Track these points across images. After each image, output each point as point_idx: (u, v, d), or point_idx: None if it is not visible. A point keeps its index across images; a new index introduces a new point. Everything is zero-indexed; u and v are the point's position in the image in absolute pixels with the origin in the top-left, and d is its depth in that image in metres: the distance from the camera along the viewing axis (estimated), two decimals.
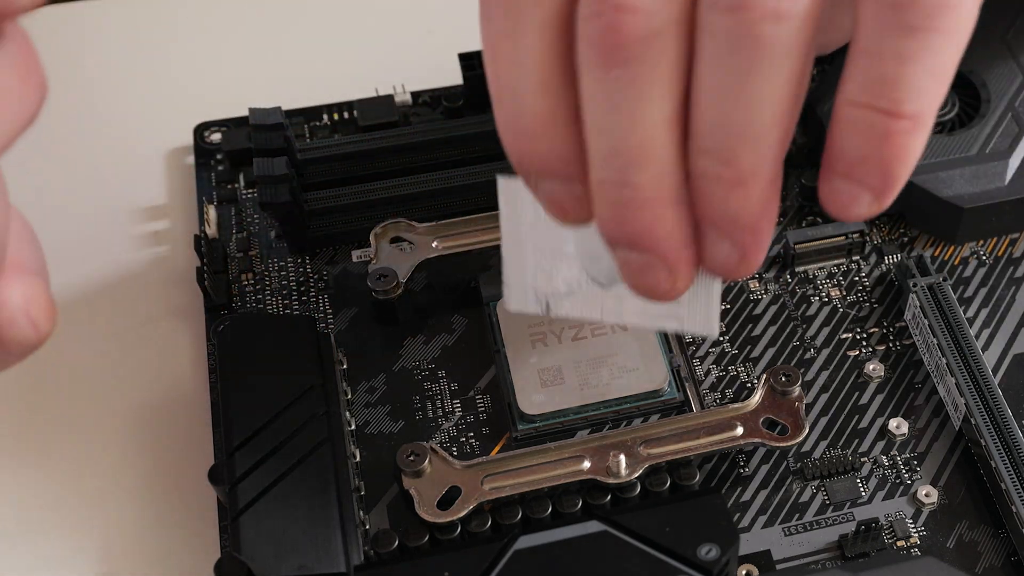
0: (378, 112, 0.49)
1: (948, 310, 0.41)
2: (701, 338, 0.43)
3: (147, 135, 0.47)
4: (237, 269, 0.45)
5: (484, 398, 0.42)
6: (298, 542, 0.36)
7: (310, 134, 0.50)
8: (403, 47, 0.54)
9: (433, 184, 0.46)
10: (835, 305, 0.44)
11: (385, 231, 0.44)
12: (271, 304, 0.44)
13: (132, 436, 0.42)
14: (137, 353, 0.44)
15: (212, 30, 0.53)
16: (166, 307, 0.46)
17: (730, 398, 0.42)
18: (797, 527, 0.39)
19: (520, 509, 0.38)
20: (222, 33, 0.51)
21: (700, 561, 0.34)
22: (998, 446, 0.38)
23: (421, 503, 0.37)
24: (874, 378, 0.42)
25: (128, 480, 0.41)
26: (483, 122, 0.47)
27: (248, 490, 0.37)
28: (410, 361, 0.43)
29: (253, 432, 0.38)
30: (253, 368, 0.39)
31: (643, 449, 0.38)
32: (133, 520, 0.40)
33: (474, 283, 0.44)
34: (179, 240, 0.47)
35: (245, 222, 0.47)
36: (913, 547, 0.38)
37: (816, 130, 0.46)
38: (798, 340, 0.43)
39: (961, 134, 0.45)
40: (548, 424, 0.41)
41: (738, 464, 0.40)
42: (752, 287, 0.44)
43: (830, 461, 0.40)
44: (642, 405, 0.41)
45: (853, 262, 0.45)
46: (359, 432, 0.41)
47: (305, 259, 0.46)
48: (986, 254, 0.45)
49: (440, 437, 0.41)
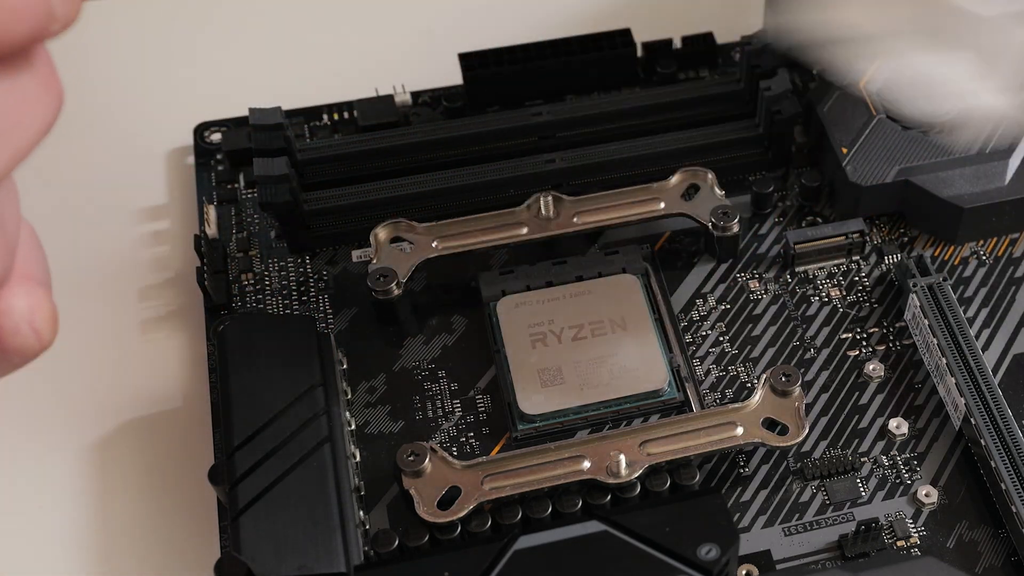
0: (378, 112, 0.49)
1: (948, 310, 0.41)
2: (701, 338, 0.43)
3: (147, 135, 0.47)
4: (237, 269, 0.45)
5: (484, 398, 0.42)
6: (298, 542, 0.36)
7: (310, 134, 0.50)
8: (403, 47, 0.54)
9: (433, 184, 0.46)
10: (835, 305, 0.44)
11: (385, 231, 0.44)
12: (271, 304, 0.44)
13: (132, 436, 0.42)
14: (137, 353, 0.44)
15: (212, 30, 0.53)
16: (166, 307, 0.46)
17: (730, 398, 0.42)
18: (797, 527, 0.39)
19: (520, 509, 0.38)
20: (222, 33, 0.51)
21: (700, 561, 0.34)
22: (998, 446, 0.38)
23: (421, 503, 0.37)
24: (874, 378, 0.42)
25: (128, 480, 0.41)
26: (483, 122, 0.47)
27: (248, 490, 0.37)
28: (410, 361, 0.43)
29: (253, 432, 0.38)
30: (253, 368, 0.39)
31: (643, 449, 0.38)
32: (133, 520, 0.41)
33: (474, 283, 0.44)
34: (179, 240, 0.47)
35: (245, 222, 0.47)
36: (913, 547, 0.38)
37: (816, 130, 0.46)
38: (798, 340, 0.43)
39: None
40: (548, 424, 0.41)
41: (738, 464, 0.40)
42: (752, 287, 0.44)
43: (830, 461, 0.40)
44: (642, 405, 0.41)
45: (853, 262, 0.45)
46: (359, 432, 0.41)
47: (305, 259, 0.46)
48: (986, 254, 0.45)
49: (440, 437, 0.41)
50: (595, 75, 0.50)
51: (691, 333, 0.43)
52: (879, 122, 0.45)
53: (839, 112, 0.46)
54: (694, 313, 0.44)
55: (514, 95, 0.50)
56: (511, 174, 0.46)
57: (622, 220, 0.44)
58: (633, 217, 0.44)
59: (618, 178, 0.46)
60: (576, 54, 0.49)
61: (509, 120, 0.47)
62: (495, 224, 0.44)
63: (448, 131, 0.47)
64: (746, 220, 0.46)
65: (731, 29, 0.52)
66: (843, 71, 0.45)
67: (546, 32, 0.51)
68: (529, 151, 0.47)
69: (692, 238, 0.46)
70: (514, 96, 0.50)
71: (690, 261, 0.45)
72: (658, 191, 0.45)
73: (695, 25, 0.51)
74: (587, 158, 0.46)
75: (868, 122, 0.45)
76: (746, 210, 0.46)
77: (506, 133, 0.47)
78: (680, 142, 0.47)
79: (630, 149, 0.46)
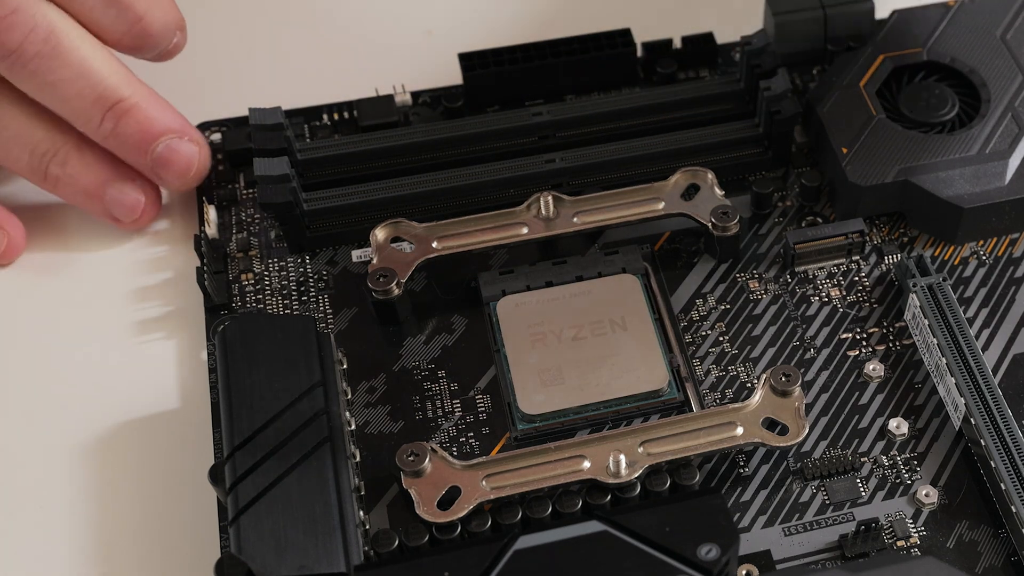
0: (378, 112, 0.49)
1: (948, 310, 0.41)
2: (701, 338, 0.43)
3: None
4: (237, 269, 0.45)
5: (484, 398, 0.42)
6: (298, 542, 0.36)
7: (310, 134, 0.50)
8: (403, 47, 0.54)
9: (433, 184, 0.46)
10: (835, 305, 0.44)
11: (385, 231, 0.44)
12: (271, 304, 0.44)
13: (132, 437, 0.42)
14: (137, 353, 0.44)
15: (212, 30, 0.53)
16: (166, 307, 0.46)
17: (730, 398, 0.42)
18: (797, 527, 0.39)
19: (520, 509, 0.38)
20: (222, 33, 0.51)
21: (700, 561, 0.34)
22: (998, 446, 0.38)
23: (421, 503, 0.38)
24: (874, 378, 0.42)
25: (128, 480, 0.41)
26: (483, 122, 0.47)
27: (248, 490, 0.37)
28: (410, 361, 0.43)
29: (253, 432, 0.38)
30: (253, 368, 0.39)
31: (643, 449, 0.38)
32: (133, 521, 0.41)
33: (474, 283, 0.44)
34: (179, 240, 0.47)
35: (245, 222, 0.47)
36: (913, 547, 0.38)
37: (816, 130, 0.46)
38: (798, 340, 0.43)
39: (961, 134, 0.45)
40: (548, 424, 0.41)
41: (738, 464, 0.40)
42: (752, 287, 0.44)
43: (830, 461, 0.40)
44: (642, 405, 0.41)
45: (853, 262, 0.45)
46: (359, 432, 0.41)
47: (305, 259, 0.46)
48: (986, 254, 0.45)
49: (440, 437, 0.41)
50: (595, 75, 0.50)
51: (691, 333, 0.43)
52: (879, 122, 0.45)
53: (839, 112, 0.46)
54: (694, 313, 0.44)
55: (514, 95, 0.50)
56: (511, 174, 0.46)
57: (622, 220, 0.44)
58: (633, 217, 0.44)
59: (618, 178, 0.46)
60: (576, 54, 0.49)
61: (509, 120, 0.47)
62: (495, 224, 0.44)
63: (448, 131, 0.47)
64: (746, 220, 0.46)
65: (731, 29, 0.52)
66: None
67: (546, 32, 0.51)
68: (529, 151, 0.47)
69: (692, 238, 0.46)
70: (514, 96, 0.50)
71: (690, 261, 0.45)
72: (658, 191, 0.45)
73: (695, 25, 0.51)
74: (587, 158, 0.46)
75: (868, 122, 0.45)
76: (746, 210, 0.46)
77: (506, 133, 0.47)
78: (680, 142, 0.47)
79: (630, 149, 0.46)
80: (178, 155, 0.45)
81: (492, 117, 0.48)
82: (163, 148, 0.45)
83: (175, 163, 0.45)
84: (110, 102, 0.44)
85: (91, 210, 0.46)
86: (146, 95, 0.45)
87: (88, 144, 0.45)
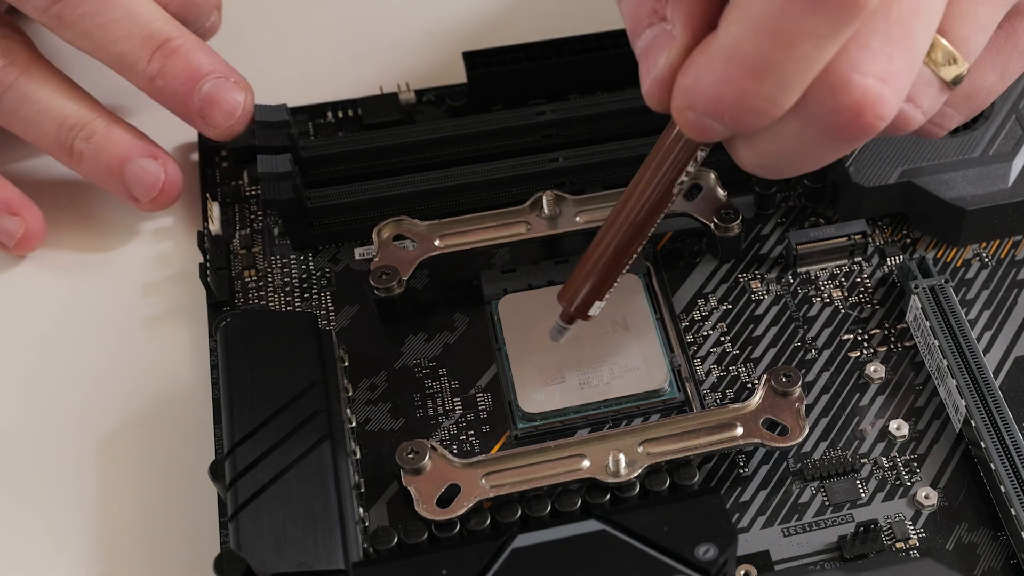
0: (382, 110, 0.49)
1: (950, 312, 0.41)
2: (702, 337, 0.43)
3: (151, 131, 0.47)
4: (240, 266, 0.46)
5: (485, 396, 0.42)
6: (298, 538, 0.36)
7: (314, 132, 0.50)
8: (408, 46, 0.54)
9: (436, 182, 0.46)
10: (836, 306, 0.44)
11: (388, 229, 0.44)
12: (273, 301, 0.45)
13: (133, 432, 0.42)
14: (139, 349, 0.44)
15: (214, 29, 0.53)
16: (168, 303, 0.46)
17: (730, 398, 0.42)
18: (796, 528, 0.39)
19: (519, 507, 0.38)
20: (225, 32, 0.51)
21: (698, 561, 0.34)
22: (998, 449, 0.38)
23: (421, 501, 0.38)
24: (875, 379, 0.42)
25: (129, 476, 0.42)
26: (487, 121, 0.47)
27: (248, 486, 0.37)
28: (411, 359, 0.43)
29: (254, 428, 0.38)
30: (255, 365, 0.39)
31: (643, 448, 0.38)
32: (133, 516, 0.41)
33: (476, 281, 0.44)
34: (182, 236, 0.47)
35: (248, 219, 0.47)
36: (912, 549, 0.38)
37: None
38: (799, 341, 0.43)
39: (964, 136, 0.45)
40: (548, 423, 0.41)
41: (738, 464, 0.40)
42: (754, 288, 0.44)
43: (830, 462, 0.40)
44: (642, 405, 0.41)
45: (855, 263, 0.45)
46: (360, 429, 0.41)
47: (308, 256, 0.46)
48: (988, 256, 0.45)
49: (440, 435, 0.41)
50: (599, 74, 0.50)
51: (692, 333, 0.43)
52: None
53: None
54: (695, 313, 0.44)
55: (518, 94, 0.50)
56: (514, 173, 0.46)
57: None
58: None
59: (621, 177, 0.46)
60: (580, 53, 0.49)
61: (512, 119, 0.47)
62: (497, 222, 0.44)
63: (451, 129, 0.47)
64: (748, 220, 0.46)
65: None
66: None
67: (550, 31, 0.51)
68: (532, 150, 0.47)
69: (694, 238, 0.46)
70: (517, 95, 0.50)
71: (692, 261, 0.45)
72: None
73: None
74: (590, 157, 0.46)
75: None
76: (748, 210, 0.46)
77: (509, 132, 0.47)
78: None
79: (633, 148, 0.46)
80: (225, 93, 0.46)
81: (496, 116, 0.48)
82: (210, 86, 0.45)
83: (222, 102, 0.45)
84: (158, 41, 0.45)
85: (111, 187, 0.46)
86: (193, 38, 0.46)
87: (115, 120, 0.46)
